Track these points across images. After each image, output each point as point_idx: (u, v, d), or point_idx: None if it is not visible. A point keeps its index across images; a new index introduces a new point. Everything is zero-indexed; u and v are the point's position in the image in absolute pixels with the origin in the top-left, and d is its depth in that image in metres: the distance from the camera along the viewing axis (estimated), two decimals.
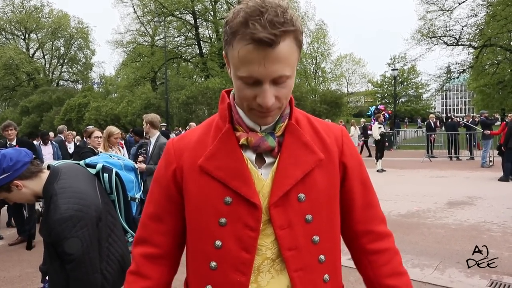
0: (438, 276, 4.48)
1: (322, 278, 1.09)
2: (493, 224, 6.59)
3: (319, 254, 1.09)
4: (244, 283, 1.04)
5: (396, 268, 1.18)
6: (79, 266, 1.78)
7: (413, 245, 5.61)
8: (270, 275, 1.07)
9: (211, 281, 1.07)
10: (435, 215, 7.30)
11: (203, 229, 1.08)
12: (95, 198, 1.95)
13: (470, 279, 4.39)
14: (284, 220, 1.05)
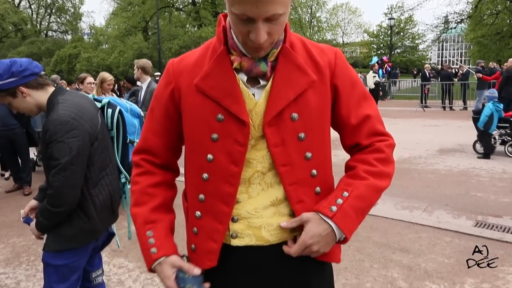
0: (426, 217, 4.64)
1: (314, 190, 1.16)
2: (482, 170, 6.74)
3: (311, 169, 1.15)
4: (232, 193, 1.12)
5: (367, 158, 1.18)
6: (59, 173, 1.83)
7: (403, 189, 5.75)
8: (261, 187, 1.14)
9: (203, 190, 1.16)
10: (426, 161, 7.43)
11: (197, 144, 1.15)
12: (94, 117, 2.01)
13: (457, 220, 4.56)
14: (278, 138, 1.11)
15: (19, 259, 3.75)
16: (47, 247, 1.99)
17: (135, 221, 1.21)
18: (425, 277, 3.28)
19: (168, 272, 1.16)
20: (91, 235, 2.03)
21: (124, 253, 3.87)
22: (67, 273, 2.03)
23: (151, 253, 1.17)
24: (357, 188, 1.13)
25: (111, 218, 2.16)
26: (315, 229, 1.10)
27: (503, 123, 7.79)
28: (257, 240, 1.15)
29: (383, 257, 3.64)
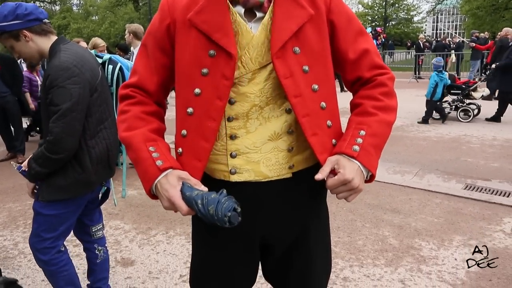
0: (417, 181, 4.73)
1: (326, 123, 1.17)
2: (472, 137, 6.82)
3: (320, 101, 1.16)
4: (213, 129, 1.12)
5: (372, 94, 1.19)
6: (60, 119, 1.84)
7: (395, 154, 5.83)
8: (258, 122, 1.15)
9: (186, 125, 1.16)
10: (418, 129, 7.50)
11: (187, 78, 1.15)
12: (94, 68, 2.02)
13: (447, 183, 4.65)
14: (287, 70, 1.11)
15: (15, 223, 3.79)
16: (41, 197, 2.01)
17: (130, 142, 1.14)
18: (415, 235, 3.38)
19: (175, 182, 1.10)
20: (85, 187, 2.05)
21: (120, 215, 3.93)
22: (56, 223, 2.07)
23: (156, 165, 1.11)
24: (370, 125, 1.15)
25: (107, 172, 2.18)
26: (347, 164, 1.10)
27: (456, 90, 8.07)
28: (256, 175, 1.16)
29: (375, 217, 3.72)
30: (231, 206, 1.04)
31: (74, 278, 2.22)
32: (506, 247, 3.14)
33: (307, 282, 1.32)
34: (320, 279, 1.36)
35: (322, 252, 1.33)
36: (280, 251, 1.28)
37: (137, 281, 2.80)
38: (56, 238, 2.11)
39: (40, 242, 2.09)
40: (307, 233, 1.26)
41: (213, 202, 1.04)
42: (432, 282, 2.71)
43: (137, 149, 1.14)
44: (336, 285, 2.69)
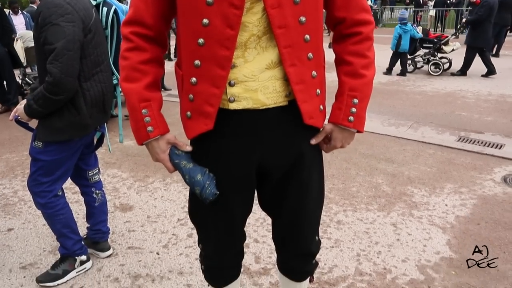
0: (411, 133, 4.77)
1: (307, 55, 1.20)
2: (468, 92, 6.83)
3: (305, 33, 1.17)
4: (228, 57, 1.14)
5: (361, 50, 1.26)
6: (56, 58, 1.83)
7: (390, 108, 5.85)
8: (256, 51, 1.16)
9: (199, 56, 1.16)
10: (414, 83, 7.49)
11: (192, 9, 1.13)
12: (88, 7, 1.97)
13: (440, 135, 4.70)
14: (275, 0, 1.11)
15: (14, 172, 3.82)
16: (37, 138, 2.03)
17: (128, 96, 1.23)
18: (408, 183, 3.45)
19: (164, 147, 1.27)
20: (81, 130, 2.06)
21: (117, 164, 3.97)
22: (53, 168, 2.10)
23: (147, 131, 1.23)
24: (362, 91, 1.26)
25: (102, 116, 2.18)
26: (340, 135, 1.32)
27: (428, 43, 8.17)
28: (254, 103, 1.19)
29: (369, 166, 3.79)
30: (213, 192, 1.24)
31: (71, 222, 2.27)
32: (495, 194, 3.23)
33: (302, 208, 1.38)
34: (315, 207, 1.42)
35: (317, 180, 1.39)
36: (276, 179, 1.33)
37: (136, 225, 2.87)
38: (53, 182, 2.14)
39: (37, 186, 2.13)
40: (302, 161, 1.31)
41: (198, 185, 1.23)
42: (423, 225, 2.80)
43: (132, 108, 1.23)
44: (330, 228, 2.78)
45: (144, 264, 2.43)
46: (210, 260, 1.52)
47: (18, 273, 2.37)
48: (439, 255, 2.47)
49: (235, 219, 1.39)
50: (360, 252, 2.52)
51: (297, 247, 1.48)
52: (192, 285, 2.24)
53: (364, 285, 2.22)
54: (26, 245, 2.65)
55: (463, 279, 2.25)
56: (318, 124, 1.28)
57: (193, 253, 2.52)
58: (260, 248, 2.56)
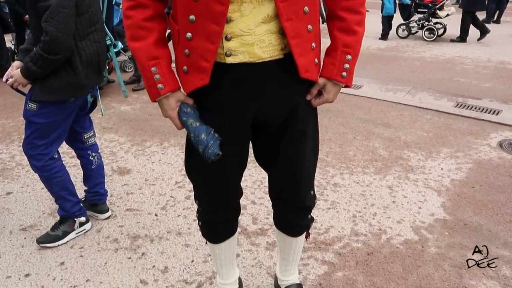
0: (409, 98, 4.76)
1: (303, 9, 1.19)
2: (467, 58, 6.77)
3: None
4: (222, 12, 1.13)
5: (354, 6, 1.26)
6: (52, 16, 1.79)
7: (389, 74, 5.81)
8: (252, 6, 1.15)
9: (194, 11, 1.16)
10: (413, 49, 7.42)
11: None
12: None
13: (438, 101, 4.69)
14: None
15: (10, 137, 3.81)
16: (33, 98, 2.01)
17: (137, 55, 1.23)
18: (404, 147, 3.47)
19: (173, 105, 1.29)
20: (77, 90, 2.04)
21: (114, 129, 3.96)
22: (48, 131, 2.09)
23: (158, 89, 1.25)
24: (355, 48, 1.29)
25: (97, 77, 2.15)
26: (333, 89, 1.35)
27: (423, 8, 8.09)
28: (250, 57, 1.19)
29: (366, 130, 3.79)
30: (215, 153, 1.26)
31: (68, 184, 2.28)
32: (490, 159, 3.26)
33: (297, 160, 1.40)
34: (310, 159, 1.45)
35: (311, 132, 1.41)
36: (271, 131, 1.35)
37: (134, 188, 2.89)
38: (49, 145, 2.14)
39: (33, 149, 2.12)
40: (297, 113, 1.33)
41: (202, 144, 1.25)
42: (418, 188, 2.84)
43: (142, 67, 1.24)
44: (326, 190, 2.81)
45: (143, 225, 2.47)
46: (207, 214, 1.55)
47: (19, 235, 2.40)
48: (433, 217, 2.51)
49: (230, 172, 1.42)
50: (356, 213, 2.56)
51: (292, 200, 1.51)
52: (190, 245, 2.28)
53: (359, 245, 2.27)
54: (25, 208, 2.68)
55: (456, 240, 2.29)
56: (313, 77, 1.30)
57: (191, 214, 2.55)
58: (257, 209, 2.60)
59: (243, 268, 2.10)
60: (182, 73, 1.27)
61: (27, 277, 2.06)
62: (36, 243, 2.28)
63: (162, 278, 2.04)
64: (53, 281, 2.04)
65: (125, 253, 2.23)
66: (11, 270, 2.11)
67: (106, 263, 2.16)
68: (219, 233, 1.63)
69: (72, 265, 2.15)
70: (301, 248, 1.76)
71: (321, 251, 2.22)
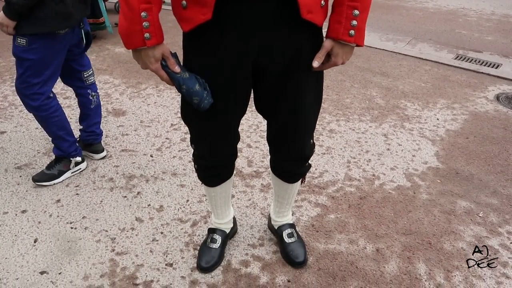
0: (409, 49, 4.68)
1: None
2: (471, 10, 6.61)
3: None
4: None
5: None
6: None
7: (389, 23, 5.68)
8: None
9: None
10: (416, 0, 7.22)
11: None
12: None
13: (438, 52, 4.62)
14: None
15: (2, 77, 3.74)
16: (20, 31, 1.92)
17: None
18: (401, 97, 3.45)
19: (158, 56, 1.18)
20: (64, 19, 1.96)
21: (108, 71, 3.88)
22: (41, 67, 2.03)
23: (144, 38, 1.13)
24: (361, 1, 1.16)
25: (84, 7, 2.07)
26: (340, 51, 1.23)
27: None
28: None
29: (364, 79, 3.76)
30: (210, 102, 1.25)
31: (65, 123, 2.26)
32: (486, 111, 3.26)
33: (297, 110, 1.34)
34: (311, 109, 1.38)
35: (315, 82, 1.34)
36: (272, 77, 1.28)
37: (129, 129, 2.88)
38: (44, 83, 2.08)
39: (28, 88, 2.07)
40: (300, 59, 1.25)
41: (197, 95, 1.21)
42: (413, 137, 2.85)
43: (130, 8, 1.10)
44: (322, 136, 2.81)
45: (138, 165, 2.48)
46: (203, 159, 1.52)
47: (14, 173, 2.41)
48: (426, 165, 2.54)
49: (229, 118, 1.37)
50: (350, 159, 2.58)
51: (291, 149, 1.48)
52: (185, 185, 2.30)
53: (352, 189, 2.30)
54: (20, 147, 2.67)
55: (447, 187, 2.33)
56: (317, 20, 1.18)
57: (187, 156, 2.56)
58: (252, 152, 2.61)
59: (237, 209, 2.14)
60: (180, 9, 1.17)
61: (24, 213, 2.09)
62: (31, 181, 2.29)
63: (157, 216, 2.08)
64: (50, 217, 2.07)
65: (121, 192, 2.25)
66: (8, 207, 2.14)
67: (101, 201, 2.18)
68: (216, 177, 1.62)
69: (68, 202, 2.17)
70: (296, 193, 1.77)
71: (314, 194, 2.25)
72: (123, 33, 1.14)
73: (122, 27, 1.14)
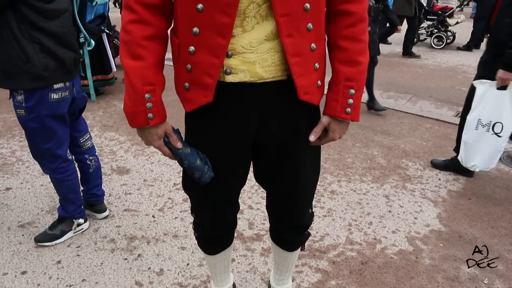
0: (410, 106, 4.77)
1: (306, 26, 1.13)
2: (470, 67, 6.79)
3: (305, 2, 1.10)
4: (229, 24, 1.08)
5: (355, 34, 1.18)
6: None
7: (390, 80, 5.83)
8: (255, 21, 1.10)
9: (197, 23, 1.10)
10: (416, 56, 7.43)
11: None
12: None
13: (439, 110, 4.71)
14: None
15: (11, 132, 3.83)
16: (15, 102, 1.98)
17: (131, 76, 1.15)
18: (403, 156, 3.49)
19: (161, 134, 1.23)
20: (34, 80, 1.95)
21: (114, 127, 3.97)
22: (46, 134, 2.08)
23: (147, 118, 1.17)
24: (358, 80, 1.21)
25: (62, 73, 2.06)
26: (338, 127, 1.28)
27: (432, 15, 8.09)
28: (251, 76, 1.14)
29: (365, 137, 3.81)
30: (211, 176, 1.28)
31: (77, 187, 2.31)
32: (488, 171, 3.27)
33: (296, 183, 1.36)
34: (309, 181, 1.41)
35: (312, 154, 1.37)
36: (271, 151, 1.31)
37: (133, 188, 2.91)
38: (57, 147, 2.14)
39: (42, 154, 2.14)
40: (298, 136, 1.28)
41: (198, 170, 1.24)
42: (415, 198, 2.85)
43: (134, 90, 1.15)
44: (323, 197, 2.82)
45: (140, 226, 2.48)
46: (204, 229, 1.53)
47: (17, 231, 2.42)
48: (428, 228, 2.53)
49: (230, 191, 1.39)
50: (351, 222, 2.57)
51: (290, 220, 1.49)
52: (186, 248, 2.30)
53: (354, 253, 2.28)
54: (24, 204, 2.69)
55: (450, 252, 2.31)
56: (314, 100, 1.23)
57: (188, 217, 2.57)
58: (254, 214, 2.61)
59: (237, 273, 2.12)
60: (183, 90, 1.21)
61: (24, 275, 2.08)
62: (33, 241, 2.30)
63: (157, 281, 2.06)
64: (49, 280, 2.06)
65: (122, 253, 2.25)
66: (8, 267, 2.13)
67: (102, 263, 2.18)
68: (216, 245, 1.62)
69: (68, 264, 2.17)
70: (296, 259, 1.76)
71: (315, 258, 2.24)
72: (127, 113, 1.19)
73: (126, 107, 1.19)
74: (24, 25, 1.88)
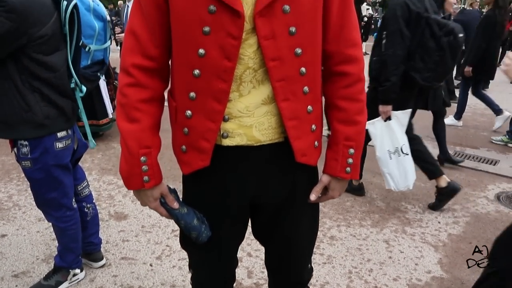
0: None
1: (302, 89, 1.15)
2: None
3: (300, 66, 1.12)
4: (225, 90, 1.08)
5: (353, 95, 1.21)
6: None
7: None
8: (252, 85, 1.11)
9: (194, 88, 1.11)
10: None
11: (187, 38, 1.09)
12: (41, 15, 1.88)
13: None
14: (269, 31, 1.06)
15: (9, 176, 3.82)
16: (19, 154, 2.00)
17: (127, 138, 1.15)
18: (402, 198, 3.48)
19: (157, 195, 1.23)
20: (37, 129, 1.98)
21: (113, 171, 3.97)
22: (51, 184, 2.08)
23: (143, 181, 1.18)
24: (357, 139, 1.23)
25: (62, 121, 2.08)
26: (337, 185, 1.28)
27: None
28: (248, 139, 1.15)
29: (364, 179, 3.80)
30: (209, 235, 1.26)
31: (79, 236, 2.28)
32: (488, 213, 3.26)
33: (293, 241, 1.36)
34: (307, 239, 1.40)
35: (310, 215, 1.37)
36: (269, 211, 1.31)
37: (130, 234, 2.87)
38: (62, 195, 2.14)
39: (46, 204, 2.14)
40: (296, 195, 1.28)
41: (195, 230, 1.23)
42: (415, 243, 2.82)
43: (130, 153, 1.16)
44: (323, 243, 2.79)
45: (137, 275, 2.44)
46: (202, 285, 1.50)
47: (10, 281, 2.37)
48: (430, 274, 2.49)
49: (229, 249, 1.38)
50: (352, 269, 2.53)
51: (289, 275, 1.47)
52: None
53: None
54: (19, 252, 2.65)
55: None
56: (312, 161, 1.23)
57: (186, 265, 2.53)
58: (253, 262, 2.57)
59: None
60: (180, 152, 1.22)
61: None
62: None
63: None
64: None
65: None
66: None
67: None
68: None
69: None
70: None
71: None
72: (123, 176, 1.20)
73: (122, 169, 1.20)
74: (25, 75, 1.91)
